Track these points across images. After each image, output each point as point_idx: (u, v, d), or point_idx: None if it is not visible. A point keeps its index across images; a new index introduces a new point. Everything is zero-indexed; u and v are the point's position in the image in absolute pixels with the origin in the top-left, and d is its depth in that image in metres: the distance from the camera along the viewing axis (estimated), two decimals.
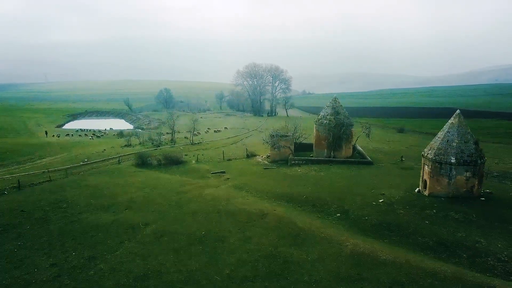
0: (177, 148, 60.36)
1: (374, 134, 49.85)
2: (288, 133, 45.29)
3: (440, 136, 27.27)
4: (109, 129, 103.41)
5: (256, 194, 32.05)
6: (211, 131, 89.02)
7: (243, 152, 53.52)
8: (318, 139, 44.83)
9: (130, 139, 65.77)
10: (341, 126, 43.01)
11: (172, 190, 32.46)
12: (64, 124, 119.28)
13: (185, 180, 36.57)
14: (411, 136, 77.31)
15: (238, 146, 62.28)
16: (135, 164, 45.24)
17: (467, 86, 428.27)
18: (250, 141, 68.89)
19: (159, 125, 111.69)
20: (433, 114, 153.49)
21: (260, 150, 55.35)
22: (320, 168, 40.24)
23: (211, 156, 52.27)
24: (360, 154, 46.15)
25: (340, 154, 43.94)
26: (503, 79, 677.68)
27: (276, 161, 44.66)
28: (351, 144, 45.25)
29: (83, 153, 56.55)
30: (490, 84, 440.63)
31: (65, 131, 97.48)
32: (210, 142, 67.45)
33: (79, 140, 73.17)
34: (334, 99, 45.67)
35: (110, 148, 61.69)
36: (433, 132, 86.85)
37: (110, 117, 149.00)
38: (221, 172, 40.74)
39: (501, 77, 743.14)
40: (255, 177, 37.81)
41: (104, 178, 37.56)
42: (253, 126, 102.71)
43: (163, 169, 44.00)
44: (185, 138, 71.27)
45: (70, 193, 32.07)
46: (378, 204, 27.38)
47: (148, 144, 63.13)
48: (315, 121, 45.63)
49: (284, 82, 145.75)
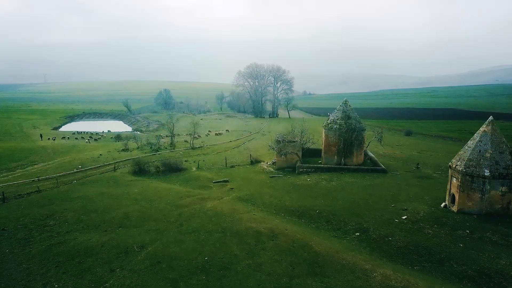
0: (176, 153, 57.49)
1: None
2: (295, 138, 42.42)
3: (470, 145, 24.40)
4: (107, 132, 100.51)
5: (264, 207, 29.21)
6: (212, 133, 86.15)
7: (246, 158, 50.67)
8: (327, 144, 41.97)
9: (127, 143, 62.83)
10: (352, 131, 40.17)
11: (171, 203, 29.59)
12: (61, 126, 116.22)
13: (185, 191, 33.69)
14: (421, 140, 74.44)
15: (240, 151, 59.43)
16: (132, 172, 42.37)
17: (469, 87, 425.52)
18: (253, 145, 66.05)
19: (158, 127, 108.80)
20: (437, 115, 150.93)
21: (264, 156, 52.51)
22: (330, 176, 37.38)
23: (212, 162, 49.40)
24: (372, 161, 43.30)
25: (351, 161, 41.08)
26: (503, 79, 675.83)
27: (282, 169, 41.82)
28: (362, 150, 42.40)
29: (77, 158, 53.65)
30: (493, 85, 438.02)
31: (61, 134, 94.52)
32: (211, 146, 64.58)
33: (74, 144, 70.26)
34: (344, 102, 42.82)
35: (107, 153, 58.81)
36: (442, 135, 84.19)
37: (108, 118, 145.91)
38: (224, 181, 37.89)
39: (502, 77, 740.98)
40: (261, 187, 34.96)
41: (97, 188, 34.67)
42: (255, 128, 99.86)
43: (162, 177, 41.15)
44: (185, 142, 68.37)
45: (59, 206, 29.19)
46: (402, 221, 24.52)
47: (146, 149, 60.24)
48: (324, 125, 42.77)
49: (286, 83, 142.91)
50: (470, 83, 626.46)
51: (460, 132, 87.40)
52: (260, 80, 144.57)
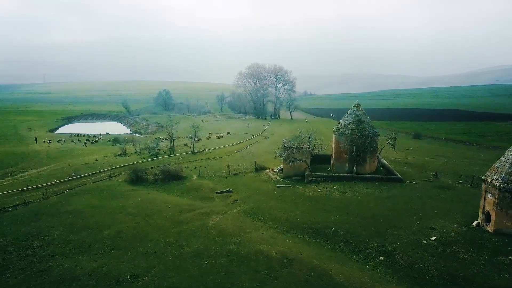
0: (176, 158, 54.66)
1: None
2: (303, 144, 39.59)
3: (508, 157, 21.58)
4: (104, 134, 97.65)
5: (273, 224, 26.39)
6: (213, 136, 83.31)
7: (250, 164, 47.83)
8: (338, 151, 39.15)
9: (125, 147, 60.04)
10: (365, 137, 37.35)
11: (170, 219, 26.76)
12: (57, 128, 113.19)
13: (185, 204, 30.85)
14: (430, 144, 71.55)
15: (243, 156, 56.58)
16: (128, 180, 39.52)
17: (471, 87, 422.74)
18: (256, 149, 63.22)
19: (157, 129, 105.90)
20: (441, 116, 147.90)
21: (269, 161, 49.69)
22: (343, 186, 34.56)
23: (214, 168, 46.55)
24: (385, 168, 40.48)
25: (364, 169, 38.27)
26: (504, 79, 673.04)
27: (289, 177, 38.99)
28: (375, 157, 39.60)
29: (72, 164, 50.81)
30: (494, 85, 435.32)
31: (58, 136, 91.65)
32: (213, 151, 61.74)
33: (70, 148, 67.40)
34: (356, 106, 39.99)
35: (103, 158, 56.01)
36: (451, 138, 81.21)
37: (106, 120, 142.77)
38: (227, 191, 35.06)
39: (502, 77, 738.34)
40: (268, 199, 32.12)
41: (89, 201, 31.84)
42: (257, 130, 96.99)
43: (161, 186, 38.33)
44: (185, 146, 65.51)
45: (45, 223, 26.37)
46: (431, 243, 21.70)
47: (145, 153, 57.40)
48: (335, 130, 39.94)
49: (288, 84, 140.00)
50: (470, 83, 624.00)
51: (469, 134, 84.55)
52: (261, 80, 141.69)
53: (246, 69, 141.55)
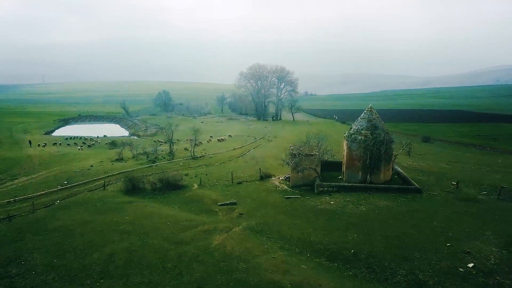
0: (176, 164, 51.84)
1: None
2: (312, 151, 36.74)
3: None
4: (102, 136, 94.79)
5: (283, 244, 23.57)
6: (214, 139, 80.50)
7: (254, 171, 45.04)
8: (350, 159, 36.33)
9: (122, 152, 57.20)
10: (380, 143, 34.52)
11: (169, 239, 23.95)
12: (54, 130, 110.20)
13: (185, 219, 28.02)
14: (441, 148, 68.77)
15: (246, 161, 53.78)
16: (124, 190, 36.71)
17: (472, 87, 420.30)
18: (259, 154, 60.40)
19: (156, 131, 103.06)
20: (445, 117, 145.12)
21: (275, 168, 46.91)
22: (357, 198, 31.72)
23: (216, 176, 43.73)
24: (401, 177, 37.66)
25: (378, 178, 35.45)
26: (504, 79, 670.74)
27: (298, 186, 36.18)
28: (390, 165, 36.77)
29: (65, 171, 47.99)
30: (496, 85, 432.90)
31: (53, 139, 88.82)
32: (214, 155, 58.93)
33: (65, 152, 64.53)
34: (369, 110, 37.17)
35: (99, 163, 53.19)
36: (462, 142, 78.31)
37: (104, 121, 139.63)
38: (231, 203, 32.25)
39: (503, 77, 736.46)
40: (276, 213, 29.30)
41: (80, 215, 29.01)
42: (259, 133, 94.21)
43: (159, 197, 35.53)
44: (185, 150, 62.68)
45: (29, 243, 23.54)
46: (469, 271, 18.86)
47: (143, 159, 54.58)
48: (346, 136, 37.10)
49: (290, 84, 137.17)
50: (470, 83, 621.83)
51: (479, 137, 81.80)
52: (263, 81, 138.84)
53: (247, 70, 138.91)
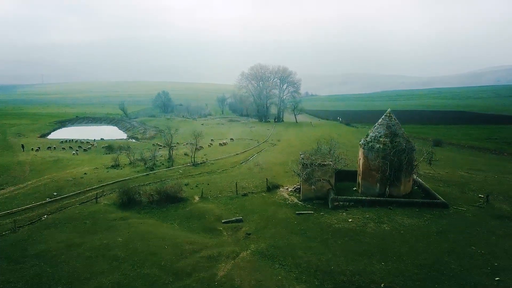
0: (175, 171, 48.51)
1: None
2: (325, 161, 33.40)
3: None
4: (99, 139, 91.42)
5: (300, 274, 20.23)
6: (215, 143, 77.16)
7: (260, 180, 41.80)
8: (367, 169, 33.02)
9: (118, 158, 53.85)
10: (401, 152, 31.21)
11: (167, 268, 20.63)
12: (49, 133, 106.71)
13: (186, 240, 24.68)
14: (456, 153, 65.41)
15: (251, 168, 50.47)
16: (118, 203, 33.39)
17: (474, 88, 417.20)
18: (264, 159, 57.12)
19: (155, 134, 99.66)
20: (451, 118, 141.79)
21: (281, 176, 43.66)
22: (377, 215, 28.41)
23: (219, 186, 40.39)
24: (422, 188, 34.36)
25: (398, 191, 32.16)
26: (505, 79, 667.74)
27: (309, 199, 32.89)
28: (411, 176, 33.47)
29: (57, 179, 44.67)
30: (498, 86, 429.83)
31: (48, 142, 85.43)
32: (216, 162, 55.63)
33: (58, 158, 61.12)
34: (388, 115, 33.87)
35: (93, 170, 49.90)
36: (475, 146, 74.83)
37: (102, 123, 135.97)
38: (237, 220, 28.94)
39: (503, 78, 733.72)
40: (288, 232, 25.99)
41: (67, 236, 25.70)
42: (261, 136, 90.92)
43: (156, 211, 32.22)
44: (185, 156, 59.37)
45: (3, 275, 20.17)
46: None
47: (140, 166, 51.24)
48: (362, 144, 33.78)
49: (293, 85, 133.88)
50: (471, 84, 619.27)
51: (492, 141, 78.53)
52: (264, 82, 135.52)
53: (249, 70, 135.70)
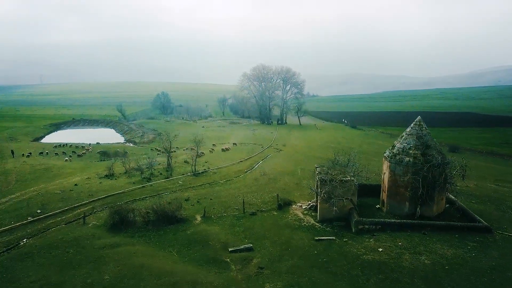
0: (174, 182, 44.27)
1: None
2: (346, 176, 29.16)
3: None
4: (94, 143, 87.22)
5: None
6: (217, 148, 72.97)
7: (268, 193, 37.69)
8: (393, 185, 28.82)
9: (112, 167, 49.55)
10: (435, 167, 27.02)
11: None
12: (43, 136, 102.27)
13: (186, 279, 20.43)
14: (474, 160, 61.20)
15: (257, 179, 46.21)
16: (109, 225, 29.13)
17: (477, 88, 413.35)
18: (269, 167, 52.95)
19: (154, 137, 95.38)
20: (458, 120, 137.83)
21: (291, 188, 39.50)
22: (411, 242, 24.23)
23: (223, 201, 36.14)
24: (456, 207, 30.11)
25: (431, 211, 27.98)
26: (505, 80, 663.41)
27: (328, 220, 28.70)
28: (444, 194, 29.26)
29: (44, 191, 40.52)
30: (501, 86, 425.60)
31: (41, 147, 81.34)
32: (219, 170, 51.41)
33: (49, 165, 56.90)
34: (417, 123, 29.70)
35: (85, 181, 45.73)
36: (492, 151, 70.53)
37: (99, 126, 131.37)
38: (246, 248, 24.71)
39: (504, 78, 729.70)
40: (309, 266, 21.78)
41: (45, 271, 21.49)
42: (265, 140, 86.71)
43: (152, 235, 27.98)
44: (185, 163, 55.13)
45: None
46: None
47: (136, 175, 47.00)
48: (389, 157, 29.54)
49: (296, 86, 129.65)
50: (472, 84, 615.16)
51: (508, 146, 74.32)
52: (267, 83, 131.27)
53: (251, 71, 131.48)
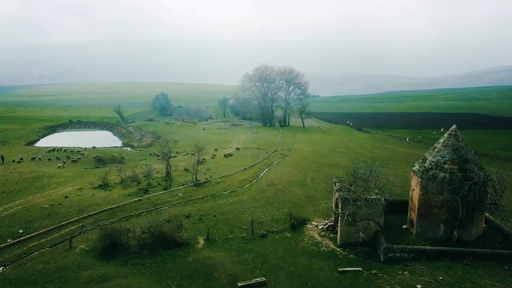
0: (174, 195, 40.50)
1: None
2: (371, 192, 25.38)
3: None
4: (90, 148, 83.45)
5: None
6: (219, 153, 69.20)
7: (277, 208, 33.95)
8: (425, 204, 25.08)
9: (107, 176, 45.78)
10: (476, 184, 23.29)
11: None
12: (38, 139, 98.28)
13: None
14: (499, 167, 57.30)
15: (264, 189, 42.44)
16: (100, 251, 25.37)
17: (481, 88, 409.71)
18: (277, 176, 49.21)
19: (153, 141, 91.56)
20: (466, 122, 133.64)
21: (303, 202, 35.77)
22: (453, 275, 20.50)
23: (229, 219, 32.35)
24: (495, 229, 26.34)
25: (469, 234, 24.28)
26: (507, 80, 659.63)
27: (350, 245, 24.95)
28: (484, 214, 25.52)
29: (30, 205, 36.78)
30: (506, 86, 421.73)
31: (34, 151, 77.58)
32: (222, 180, 47.61)
33: (40, 173, 53.11)
34: (453, 133, 25.94)
35: (77, 192, 42.00)
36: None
37: (96, 128, 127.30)
38: (258, 283, 20.96)
39: (505, 78, 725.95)
40: None
41: None
42: (269, 143, 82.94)
43: (148, 262, 24.25)
44: (185, 172, 51.33)
45: None
46: None
47: (132, 186, 43.24)
48: (419, 171, 25.76)
49: (300, 87, 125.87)
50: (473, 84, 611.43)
51: None
52: (270, 83, 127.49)
53: (253, 71, 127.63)
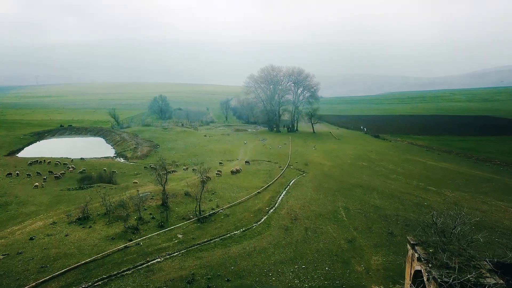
0: (170, 239, 31.05)
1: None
2: (483, 273, 15.98)
3: None
4: (78, 159, 73.97)
5: None
6: (225, 168, 59.76)
7: (313, 261, 24.62)
8: None
9: (87, 207, 36.21)
10: None
11: None
12: (22, 148, 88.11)
13: None
14: None
15: (287, 227, 33.10)
16: None
17: (489, 89, 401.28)
18: (298, 203, 39.87)
19: (149, 150, 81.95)
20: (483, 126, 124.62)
21: (344, 248, 26.48)
22: None
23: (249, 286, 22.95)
24: None
25: None
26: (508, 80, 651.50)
27: None
28: None
29: None
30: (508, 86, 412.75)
31: (13, 164, 68.09)
32: (231, 210, 38.18)
33: (8, 199, 43.69)
34: None
35: (47, 230, 32.75)
36: None
37: (88, 135, 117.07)
38: None
39: (507, 78, 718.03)
40: None
41: None
42: (280, 155, 73.62)
43: None
44: (186, 197, 41.81)
45: None
46: None
47: (118, 223, 33.76)
48: None
49: (309, 89, 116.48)
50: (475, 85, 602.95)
51: None
52: (276, 86, 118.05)
53: (259, 72, 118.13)
